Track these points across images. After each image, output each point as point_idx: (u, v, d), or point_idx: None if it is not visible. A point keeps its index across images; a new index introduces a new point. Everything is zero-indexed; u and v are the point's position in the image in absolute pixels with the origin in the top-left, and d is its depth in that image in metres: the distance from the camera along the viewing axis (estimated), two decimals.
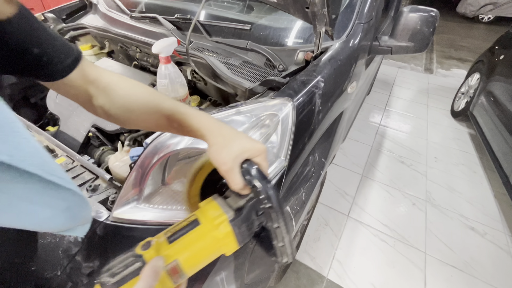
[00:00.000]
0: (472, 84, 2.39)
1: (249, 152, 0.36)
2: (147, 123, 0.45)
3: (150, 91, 0.44)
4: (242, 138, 0.38)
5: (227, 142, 0.37)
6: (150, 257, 0.31)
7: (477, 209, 1.67)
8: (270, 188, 0.33)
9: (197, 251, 0.34)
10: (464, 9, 5.80)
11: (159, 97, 0.43)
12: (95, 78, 0.43)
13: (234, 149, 0.36)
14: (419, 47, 1.00)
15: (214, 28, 1.01)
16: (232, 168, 0.35)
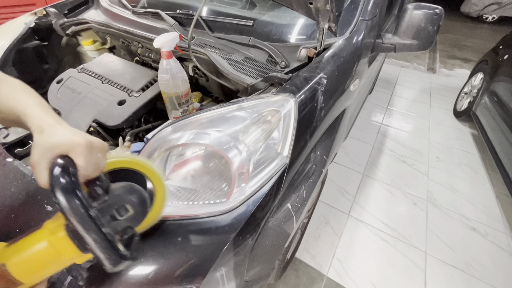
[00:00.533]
0: (475, 84, 2.37)
1: (60, 147, 0.34)
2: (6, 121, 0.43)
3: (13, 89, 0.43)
4: (60, 134, 0.35)
5: (45, 138, 0.35)
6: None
7: (479, 209, 1.66)
8: (58, 182, 0.30)
9: (30, 256, 0.33)
10: (468, 8, 5.75)
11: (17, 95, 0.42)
12: None
13: (45, 144, 0.34)
14: (423, 45, 0.99)
15: (216, 24, 1.00)
16: (37, 163, 0.33)
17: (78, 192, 0.31)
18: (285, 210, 0.71)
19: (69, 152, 0.34)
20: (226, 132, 0.60)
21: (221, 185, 0.61)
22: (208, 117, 0.64)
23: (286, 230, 0.73)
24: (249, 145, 0.60)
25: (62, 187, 0.30)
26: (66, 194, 0.30)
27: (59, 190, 0.30)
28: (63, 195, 0.30)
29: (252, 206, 0.59)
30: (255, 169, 0.60)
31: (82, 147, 0.34)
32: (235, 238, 0.58)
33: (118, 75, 0.95)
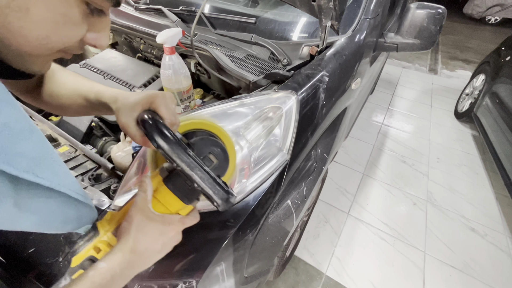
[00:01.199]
0: (477, 85, 2.37)
1: (140, 104, 0.36)
2: (69, 107, 0.47)
3: (73, 77, 0.47)
4: (136, 95, 0.38)
5: (124, 102, 0.38)
6: (101, 225, 0.36)
7: (478, 210, 1.66)
8: (155, 130, 0.32)
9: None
10: (470, 10, 5.74)
11: (80, 81, 0.46)
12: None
13: (127, 106, 0.37)
14: (425, 44, 0.99)
15: (218, 21, 1.00)
16: (126, 124, 0.36)
17: (172, 134, 0.32)
18: (285, 207, 0.71)
19: (150, 106, 0.36)
20: (227, 127, 0.60)
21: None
22: (210, 113, 0.64)
23: (286, 227, 0.73)
24: (250, 141, 0.60)
25: (160, 132, 0.32)
26: (165, 137, 0.31)
27: (157, 136, 0.31)
28: (162, 139, 0.31)
29: (252, 202, 0.59)
30: (256, 165, 0.61)
31: (160, 98, 0.37)
32: (235, 233, 0.58)
33: (120, 71, 0.95)
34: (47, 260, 0.54)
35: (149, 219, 0.34)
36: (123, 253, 0.32)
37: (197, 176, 0.31)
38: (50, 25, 0.24)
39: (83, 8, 0.26)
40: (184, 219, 0.37)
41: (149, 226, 0.34)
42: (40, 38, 0.24)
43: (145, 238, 0.33)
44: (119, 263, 0.31)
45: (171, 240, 0.36)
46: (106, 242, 0.35)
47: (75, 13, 0.25)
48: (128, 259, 0.32)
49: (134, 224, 0.34)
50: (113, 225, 0.36)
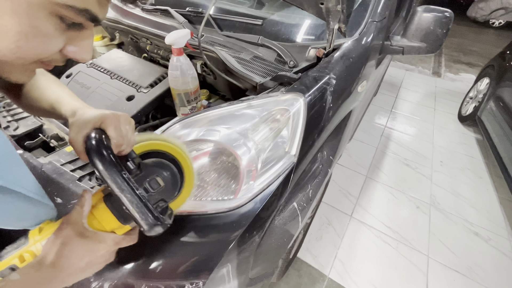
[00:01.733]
0: (481, 89, 2.36)
1: (91, 122, 0.37)
2: (40, 112, 0.48)
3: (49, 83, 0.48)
4: (91, 113, 0.39)
5: (78, 118, 0.39)
6: (33, 234, 0.36)
7: (482, 214, 1.65)
8: (94, 149, 0.32)
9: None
10: (474, 13, 5.73)
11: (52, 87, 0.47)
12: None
13: (79, 123, 0.37)
14: (431, 48, 0.99)
15: (225, 23, 1.01)
16: (74, 140, 0.37)
17: (111, 155, 0.33)
18: (291, 209, 0.71)
19: (100, 125, 0.37)
20: (235, 129, 0.61)
21: (229, 182, 0.61)
22: (217, 114, 0.64)
23: (292, 229, 0.73)
24: (258, 143, 0.60)
25: (97, 152, 0.32)
26: (101, 158, 0.32)
27: (94, 155, 0.32)
28: (98, 158, 0.32)
29: (259, 204, 0.59)
30: (263, 167, 0.61)
31: (110, 118, 0.37)
32: (242, 235, 0.58)
33: (127, 71, 0.96)
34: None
35: (78, 235, 0.34)
36: (40, 266, 0.31)
37: (126, 198, 0.32)
38: (19, 37, 0.24)
39: (55, 21, 0.26)
40: (119, 239, 0.37)
41: (77, 242, 0.33)
42: (9, 48, 0.25)
43: (69, 254, 0.33)
44: (34, 276, 0.31)
45: (99, 259, 0.35)
46: (32, 253, 0.34)
47: (46, 26, 0.25)
48: (45, 273, 0.31)
49: (61, 237, 0.33)
50: (44, 236, 0.35)
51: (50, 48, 0.28)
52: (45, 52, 0.27)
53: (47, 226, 0.37)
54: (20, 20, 0.24)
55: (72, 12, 0.26)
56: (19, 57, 0.26)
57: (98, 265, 0.36)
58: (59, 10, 0.25)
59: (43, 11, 0.24)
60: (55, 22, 0.26)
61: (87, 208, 0.36)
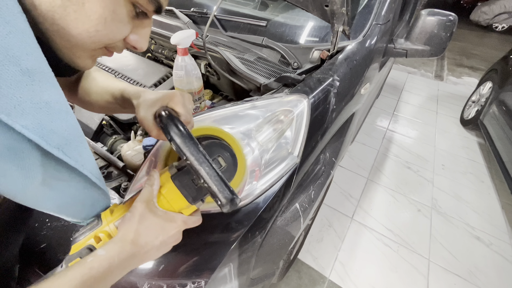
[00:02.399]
0: (483, 93, 2.36)
1: (160, 100, 0.38)
2: (100, 105, 0.50)
3: (105, 77, 0.50)
4: (157, 93, 0.40)
5: (144, 98, 0.40)
6: (105, 215, 0.36)
7: (484, 218, 1.65)
8: (170, 124, 0.33)
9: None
10: (477, 17, 5.73)
11: (111, 80, 0.49)
12: None
13: (147, 102, 0.39)
14: (435, 51, 0.99)
15: (229, 23, 1.01)
16: (145, 118, 0.38)
17: (186, 129, 0.33)
18: (293, 210, 0.71)
19: (168, 103, 0.38)
20: (239, 129, 0.61)
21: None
22: (221, 115, 0.64)
23: (293, 230, 0.73)
24: (261, 144, 0.61)
25: (174, 125, 0.33)
26: (178, 131, 0.32)
27: (171, 129, 0.33)
28: (175, 132, 0.32)
29: (262, 204, 0.59)
30: (266, 167, 0.61)
31: (178, 97, 0.39)
32: (244, 235, 0.58)
33: (131, 70, 0.96)
34: (58, 256, 0.55)
35: (152, 213, 0.34)
36: (123, 243, 0.32)
37: (205, 171, 0.31)
38: (100, 20, 0.26)
39: (129, 8, 0.28)
40: (187, 219, 0.37)
41: (152, 220, 0.34)
42: (89, 31, 0.27)
43: (146, 232, 0.34)
44: (118, 252, 0.31)
45: (170, 238, 0.36)
46: (107, 233, 0.35)
47: (122, 12, 0.28)
48: (128, 250, 0.32)
49: (137, 215, 0.34)
50: (116, 216, 0.36)
51: (121, 34, 0.29)
52: (116, 37, 0.29)
53: (117, 208, 0.38)
54: (104, 4, 0.26)
55: (146, 1, 0.28)
56: (93, 41, 0.28)
57: (169, 244, 0.36)
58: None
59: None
60: (130, 8, 0.28)
61: (156, 187, 0.36)
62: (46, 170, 0.27)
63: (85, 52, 0.30)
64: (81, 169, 0.29)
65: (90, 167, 0.32)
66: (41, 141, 0.24)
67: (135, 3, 0.28)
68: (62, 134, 0.26)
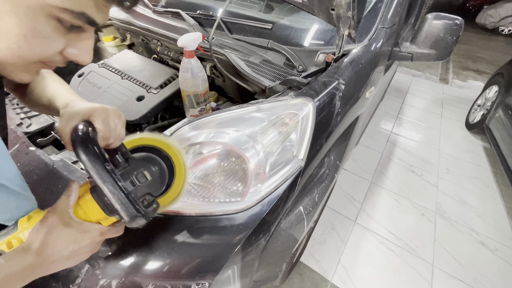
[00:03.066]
0: (489, 96, 2.34)
1: (80, 114, 0.37)
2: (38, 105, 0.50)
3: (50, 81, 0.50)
4: (81, 105, 0.40)
5: (68, 110, 0.39)
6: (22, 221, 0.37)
7: (489, 224, 1.63)
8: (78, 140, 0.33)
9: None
10: (483, 20, 5.68)
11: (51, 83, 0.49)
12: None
13: (68, 114, 0.38)
14: (441, 55, 0.99)
15: (235, 26, 1.02)
16: (62, 130, 0.37)
17: (96, 147, 0.33)
18: (297, 213, 0.71)
19: (89, 117, 0.37)
20: (244, 132, 0.61)
21: (236, 185, 0.62)
22: (227, 117, 0.65)
23: (297, 233, 0.73)
24: (266, 146, 0.61)
25: (82, 142, 0.32)
26: (85, 149, 0.32)
27: (79, 146, 0.32)
28: (82, 150, 0.32)
29: (266, 207, 0.60)
30: (271, 170, 0.61)
31: (99, 111, 0.38)
32: (249, 237, 0.58)
33: (137, 72, 0.97)
34: None
35: (64, 224, 0.34)
36: (25, 253, 0.32)
37: (107, 189, 0.32)
38: (19, 37, 0.25)
39: (54, 23, 0.27)
40: (104, 230, 0.37)
41: (62, 231, 0.34)
42: (10, 48, 0.26)
43: (54, 242, 0.33)
44: (18, 262, 0.32)
45: (83, 248, 0.36)
46: (20, 239, 0.35)
47: (44, 28, 0.26)
48: (30, 260, 0.32)
49: (47, 225, 0.34)
50: (31, 223, 0.36)
51: (50, 49, 0.29)
52: (45, 53, 0.28)
53: (36, 215, 0.38)
54: (19, 22, 0.25)
55: (69, 15, 0.26)
56: (19, 56, 0.27)
57: (82, 254, 0.37)
58: (56, 13, 0.26)
59: (41, 13, 0.25)
60: (54, 24, 0.27)
61: (74, 198, 0.36)
62: None
63: (18, 67, 0.29)
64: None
65: (9, 175, 0.33)
66: None
67: (60, 19, 0.27)
68: None
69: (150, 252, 0.53)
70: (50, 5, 0.25)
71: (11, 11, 0.24)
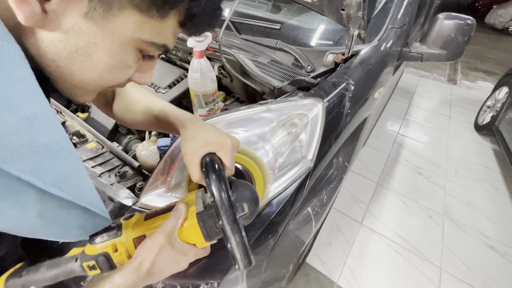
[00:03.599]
0: (499, 98, 2.29)
1: (211, 145, 0.38)
2: (140, 123, 0.50)
3: (145, 95, 0.50)
4: (209, 132, 0.39)
5: (194, 135, 0.39)
6: (126, 226, 0.37)
7: (498, 228, 1.60)
8: (216, 181, 0.33)
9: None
10: (493, 20, 5.58)
11: (152, 99, 0.49)
12: None
13: (197, 142, 0.38)
14: (451, 55, 0.97)
15: (243, 26, 1.02)
16: (191, 160, 0.37)
17: (230, 192, 0.33)
18: (305, 214, 0.71)
19: (217, 151, 0.38)
20: (254, 132, 0.61)
21: None
22: (236, 117, 0.65)
23: (305, 234, 0.73)
24: (276, 147, 0.61)
25: (218, 186, 0.33)
26: (220, 193, 0.33)
27: (216, 188, 0.33)
28: (218, 193, 0.33)
29: (275, 207, 0.59)
30: (280, 170, 0.61)
31: (229, 148, 0.38)
32: (257, 238, 0.58)
33: None
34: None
35: (171, 246, 0.35)
36: (139, 273, 0.34)
37: (235, 240, 0.33)
38: (106, 68, 0.27)
39: (137, 55, 0.28)
40: (198, 253, 0.38)
41: (169, 253, 0.35)
42: (94, 78, 0.27)
43: (161, 263, 0.35)
44: (133, 282, 0.33)
45: (179, 268, 0.37)
46: (124, 246, 0.36)
47: (129, 59, 0.28)
48: (142, 279, 0.34)
49: (157, 246, 0.35)
50: (136, 233, 0.37)
51: (125, 77, 0.30)
52: (121, 80, 0.30)
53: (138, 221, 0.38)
54: (111, 55, 0.26)
55: (153, 48, 0.28)
56: (97, 84, 0.28)
57: (176, 271, 0.38)
58: (144, 46, 0.27)
59: (131, 47, 0.27)
60: (137, 55, 0.29)
61: (181, 221, 0.37)
62: (44, 204, 0.27)
63: (87, 92, 0.31)
64: (79, 202, 0.30)
65: (90, 198, 0.33)
66: (37, 181, 0.24)
67: (143, 50, 0.28)
68: (61, 172, 0.26)
69: None
70: (142, 40, 0.26)
71: (107, 46, 0.25)
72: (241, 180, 0.42)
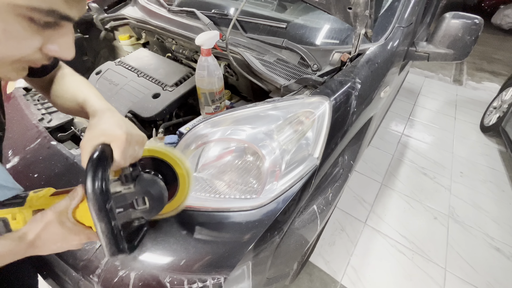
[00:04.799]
0: (506, 99, 2.27)
1: (105, 136, 0.37)
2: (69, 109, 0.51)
3: (78, 83, 0.51)
4: (108, 123, 0.39)
5: (96, 124, 0.40)
6: (31, 199, 0.40)
7: (504, 229, 1.58)
8: (89, 169, 0.33)
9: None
10: (500, 20, 5.52)
11: (81, 87, 0.49)
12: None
13: (95, 131, 0.38)
14: (458, 55, 0.97)
15: (249, 25, 1.03)
16: (84, 147, 0.38)
17: (104, 184, 0.34)
18: (310, 212, 0.71)
19: (111, 143, 0.38)
20: (261, 129, 0.62)
21: (252, 182, 0.62)
22: (243, 115, 0.65)
23: (310, 232, 0.73)
24: (282, 144, 0.61)
25: (93, 176, 0.33)
26: (93, 184, 0.33)
27: (89, 178, 0.33)
28: (91, 183, 0.33)
29: (281, 205, 0.60)
30: (286, 168, 0.61)
31: (121, 141, 0.38)
32: (264, 234, 0.59)
33: (153, 70, 0.99)
34: None
35: (60, 224, 0.37)
36: (20, 242, 0.35)
37: (99, 228, 0.34)
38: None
39: (25, 23, 0.26)
40: (92, 236, 0.39)
41: (57, 230, 0.37)
42: None
43: (47, 237, 0.36)
44: (10, 250, 0.35)
45: (69, 246, 0.39)
46: (23, 216, 0.38)
47: (15, 28, 0.26)
48: (22, 248, 0.35)
49: (44, 222, 0.36)
50: (37, 206, 0.39)
51: (26, 48, 0.28)
52: (21, 52, 0.28)
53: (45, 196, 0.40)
54: None
55: (39, 13, 0.26)
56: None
57: (66, 248, 0.39)
58: (25, 12, 0.25)
59: (9, 15, 0.25)
60: (25, 23, 0.26)
61: (75, 202, 0.38)
62: None
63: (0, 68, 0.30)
64: None
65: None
66: None
67: (31, 18, 0.26)
68: None
69: (168, 246, 0.55)
70: (17, 5, 0.24)
71: None
72: (152, 176, 0.43)
